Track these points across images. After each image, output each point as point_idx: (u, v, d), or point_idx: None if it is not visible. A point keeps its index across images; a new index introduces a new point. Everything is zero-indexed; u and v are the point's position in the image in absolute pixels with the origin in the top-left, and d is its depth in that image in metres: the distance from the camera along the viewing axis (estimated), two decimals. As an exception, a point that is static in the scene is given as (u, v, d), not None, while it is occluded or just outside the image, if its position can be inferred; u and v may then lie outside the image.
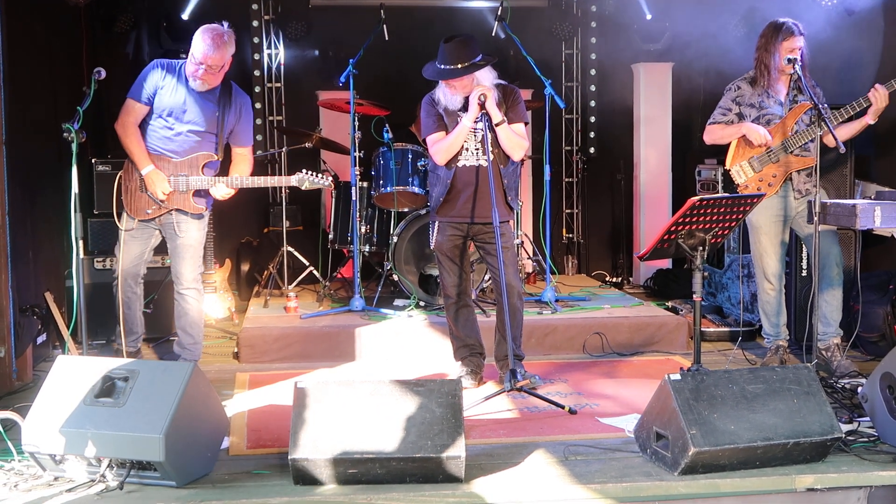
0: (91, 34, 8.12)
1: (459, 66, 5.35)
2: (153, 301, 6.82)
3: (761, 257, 6.02)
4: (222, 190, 5.70)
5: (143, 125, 5.61)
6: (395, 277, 7.26)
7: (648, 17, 9.11)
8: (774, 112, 5.90)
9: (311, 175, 5.87)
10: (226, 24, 5.54)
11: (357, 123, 7.35)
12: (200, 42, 5.43)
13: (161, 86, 5.54)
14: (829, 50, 6.76)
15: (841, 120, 5.70)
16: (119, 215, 5.65)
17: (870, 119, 5.74)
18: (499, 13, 7.66)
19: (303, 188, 5.89)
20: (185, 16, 8.49)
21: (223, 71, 5.57)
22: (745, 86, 5.99)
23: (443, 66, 5.39)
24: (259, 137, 8.96)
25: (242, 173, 5.79)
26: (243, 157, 5.85)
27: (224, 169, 5.81)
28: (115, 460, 3.99)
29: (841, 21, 6.92)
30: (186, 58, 5.54)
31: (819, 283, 5.76)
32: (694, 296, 4.99)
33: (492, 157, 5.38)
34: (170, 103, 5.55)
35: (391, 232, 7.44)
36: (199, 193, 5.71)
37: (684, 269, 8.93)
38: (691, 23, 8.57)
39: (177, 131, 5.59)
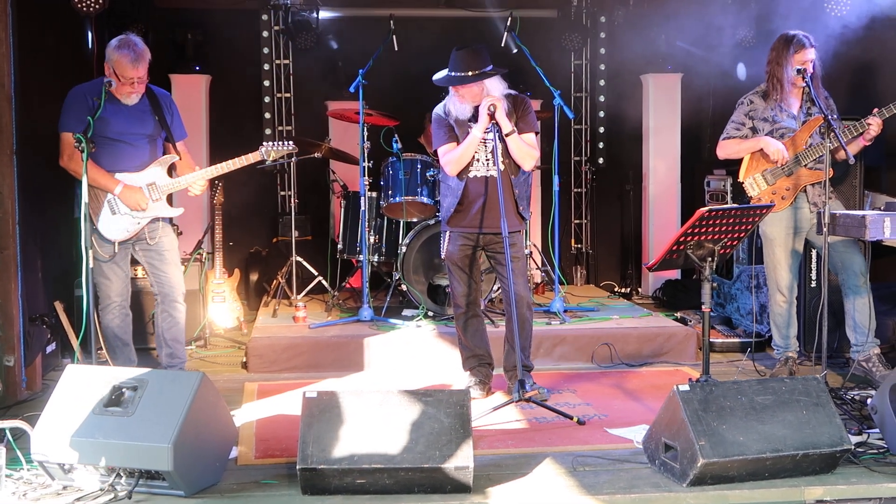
0: (102, 45, 8.14)
1: (470, 73, 5.37)
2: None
3: (775, 269, 6.00)
4: (200, 184, 5.63)
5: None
6: (404, 287, 7.26)
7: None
8: (788, 126, 5.88)
9: (274, 145, 5.74)
10: (129, 34, 5.56)
11: (366, 134, 7.36)
12: (124, 59, 5.34)
13: (94, 110, 5.30)
14: (841, 61, 6.75)
15: (852, 136, 5.68)
16: (93, 247, 5.24)
17: (865, 141, 5.74)
18: (508, 24, 7.68)
19: (269, 160, 5.80)
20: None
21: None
22: (757, 100, 5.97)
23: (453, 73, 5.41)
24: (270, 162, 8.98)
25: (190, 167, 5.71)
26: (183, 153, 5.75)
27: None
28: (124, 470, 3.99)
29: (853, 32, 6.91)
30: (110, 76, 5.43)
31: (846, 293, 5.78)
32: (703, 306, 4.98)
33: (502, 167, 5.40)
34: (110, 123, 5.42)
35: (400, 242, 7.45)
36: (170, 195, 5.71)
37: (693, 279, 8.92)
38: (701, 33, 8.59)
39: (127, 145, 5.51)
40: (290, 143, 5.80)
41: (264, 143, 5.75)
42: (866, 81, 7.23)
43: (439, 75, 5.51)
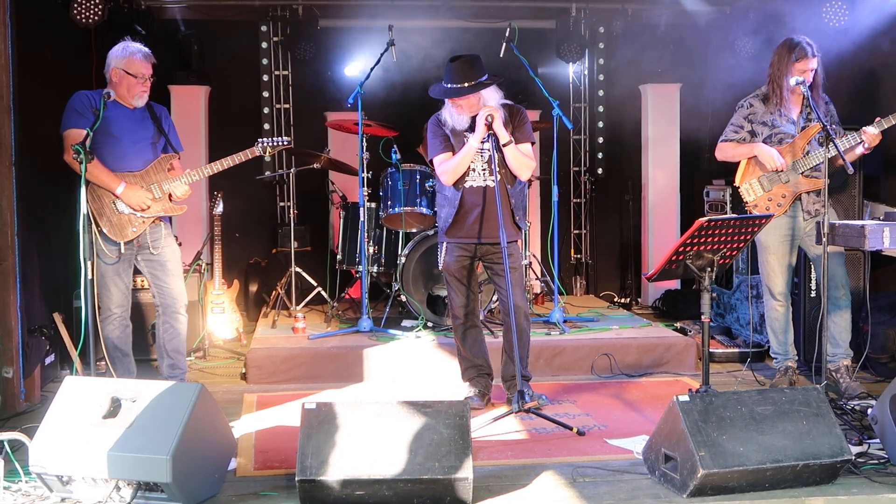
0: (100, 56, 8.14)
1: (466, 84, 5.37)
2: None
3: (769, 276, 6.01)
4: (181, 188, 5.63)
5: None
6: (403, 298, 7.25)
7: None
8: (786, 131, 5.88)
9: (268, 141, 5.79)
10: (126, 39, 5.63)
11: (365, 144, 7.36)
12: (136, 56, 5.49)
13: (97, 112, 5.29)
14: (842, 69, 6.75)
15: (850, 145, 5.68)
16: (97, 250, 5.36)
17: (865, 150, 5.73)
18: (507, 34, 7.69)
19: (266, 156, 5.84)
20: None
21: None
22: (757, 103, 5.97)
23: (449, 86, 5.41)
24: (268, 158, 8.98)
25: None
26: (178, 167, 5.76)
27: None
28: (123, 481, 3.98)
29: (854, 40, 6.91)
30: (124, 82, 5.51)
31: (826, 304, 5.75)
32: (702, 317, 4.98)
33: (499, 177, 5.40)
34: (113, 123, 5.46)
35: (399, 252, 7.45)
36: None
37: (693, 289, 8.92)
38: (699, 43, 8.58)
39: (129, 148, 5.52)
40: (286, 138, 5.86)
41: (260, 140, 5.80)
42: (868, 89, 7.22)
43: (435, 87, 5.51)
